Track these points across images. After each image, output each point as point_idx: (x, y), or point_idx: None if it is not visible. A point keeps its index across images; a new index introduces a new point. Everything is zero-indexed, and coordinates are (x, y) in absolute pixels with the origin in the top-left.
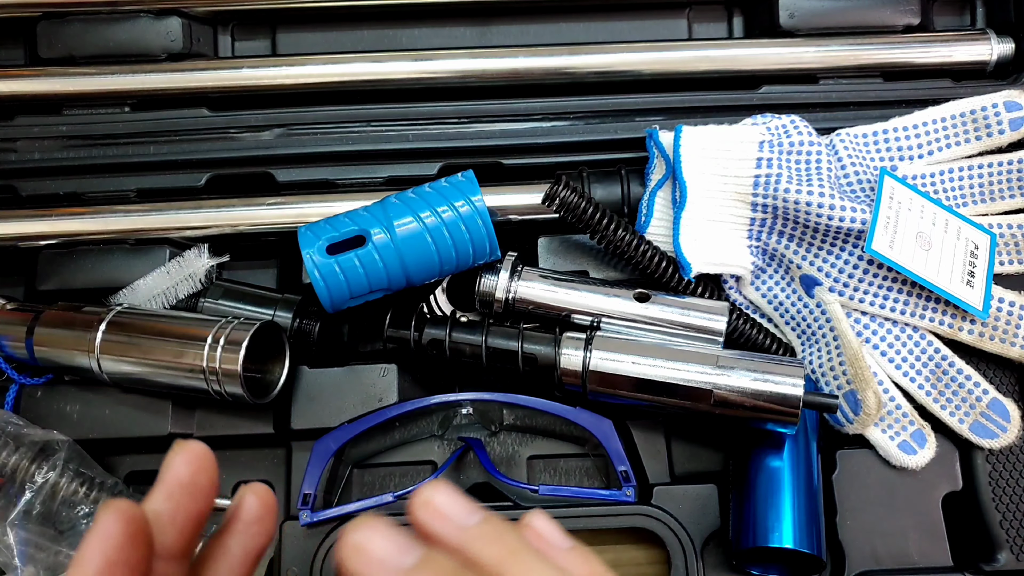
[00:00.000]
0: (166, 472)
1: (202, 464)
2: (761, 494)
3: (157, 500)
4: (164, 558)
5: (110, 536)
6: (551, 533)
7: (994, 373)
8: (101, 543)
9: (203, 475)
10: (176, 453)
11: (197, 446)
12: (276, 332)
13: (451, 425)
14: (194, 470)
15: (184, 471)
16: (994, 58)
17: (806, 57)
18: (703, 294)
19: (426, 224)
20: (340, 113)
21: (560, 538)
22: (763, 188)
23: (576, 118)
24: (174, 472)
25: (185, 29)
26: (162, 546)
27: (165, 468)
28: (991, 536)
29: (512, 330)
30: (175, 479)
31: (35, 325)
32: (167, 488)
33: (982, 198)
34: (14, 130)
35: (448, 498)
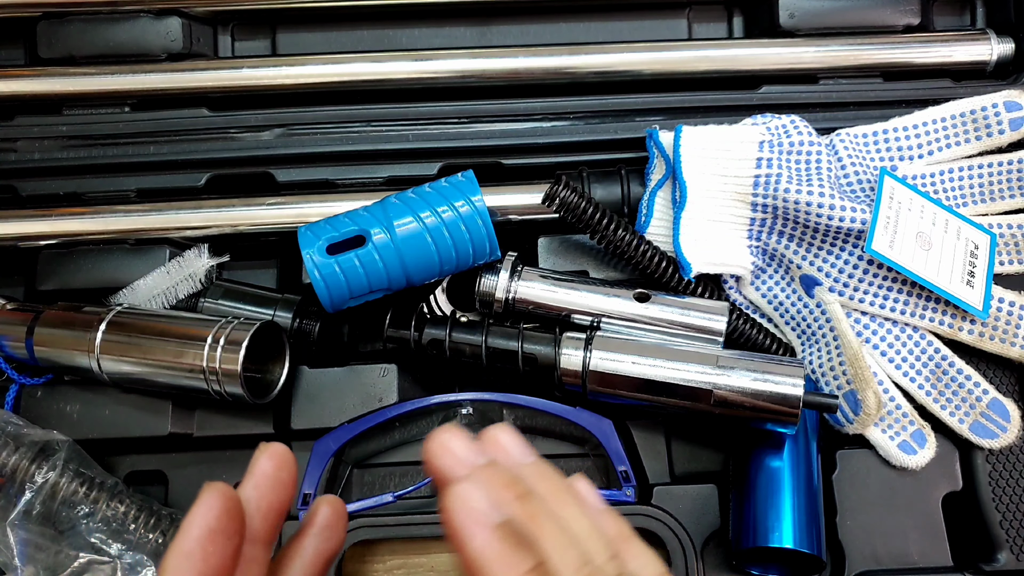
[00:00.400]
0: (254, 467)
1: (283, 461)
2: (761, 494)
3: (246, 489)
4: (250, 541)
5: (212, 507)
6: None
7: (994, 373)
8: (204, 513)
9: (284, 471)
10: (262, 452)
11: (280, 447)
12: (276, 332)
13: None
14: (276, 465)
15: (269, 466)
16: (994, 58)
17: (806, 57)
18: (703, 294)
19: (426, 224)
20: (340, 113)
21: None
22: (763, 188)
23: (576, 118)
24: (260, 467)
25: (185, 29)
26: (249, 529)
27: (253, 463)
28: (991, 536)
29: (512, 330)
30: (261, 472)
31: (35, 325)
32: (254, 480)
33: (982, 198)
34: (14, 130)
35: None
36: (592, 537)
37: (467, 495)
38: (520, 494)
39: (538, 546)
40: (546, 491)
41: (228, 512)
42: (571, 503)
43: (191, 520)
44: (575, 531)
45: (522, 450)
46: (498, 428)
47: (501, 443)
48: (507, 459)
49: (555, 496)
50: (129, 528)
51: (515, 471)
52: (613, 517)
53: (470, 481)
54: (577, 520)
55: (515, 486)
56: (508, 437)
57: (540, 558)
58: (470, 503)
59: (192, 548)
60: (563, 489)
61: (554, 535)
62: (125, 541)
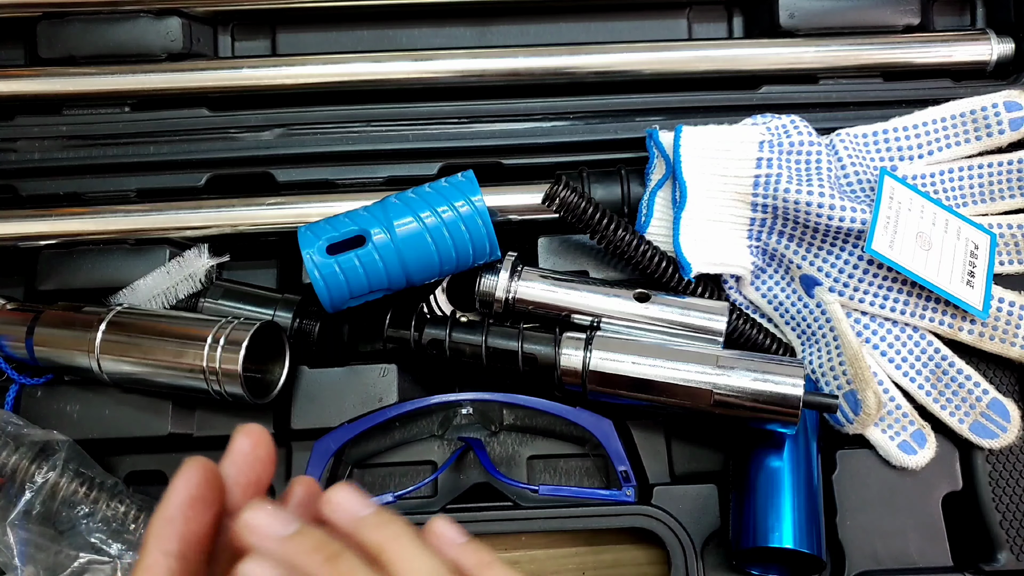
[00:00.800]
0: (231, 445)
1: (259, 439)
2: (761, 494)
3: (224, 466)
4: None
5: (192, 477)
6: (448, 531)
7: (994, 373)
8: (186, 482)
9: (261, 448)
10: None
11: (255, 426)
12: (276, 332)
13: (451, 425)
14: (253, 443)
15: (245, 443)
16: (994, 58)
17: (806, 57)
18: (703, 294)
19: (426, 224)
20: (340, 113)
21: (455, 534)
22: (763, 188)
23: (576, 118)
24: (238, 444)
25: (185, 29)
26: (230, 504)
27: (231, 443)
28: (991, 536)
29: (512, 330)
30: (239, 450)
31: (35, 325)
32: (232, 456)
33: (982, 198)
34: (14, 130)
35: (347, 493)
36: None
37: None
38: (328, 556)
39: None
40: (379, 541)
41: (207, 481)
42: (409, 546)
43: (173, 488)
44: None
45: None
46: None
47: (333, 501)
48: (342, 515)
49: (392, 542)
50: (129, 528)
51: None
52: (471, 548)
53: (255, 558)
54: (418, 563)
55: (323, 549)
56: (341, 496)
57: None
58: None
59: (174, 514)
60: (401, 535)
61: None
62: (125, 541)
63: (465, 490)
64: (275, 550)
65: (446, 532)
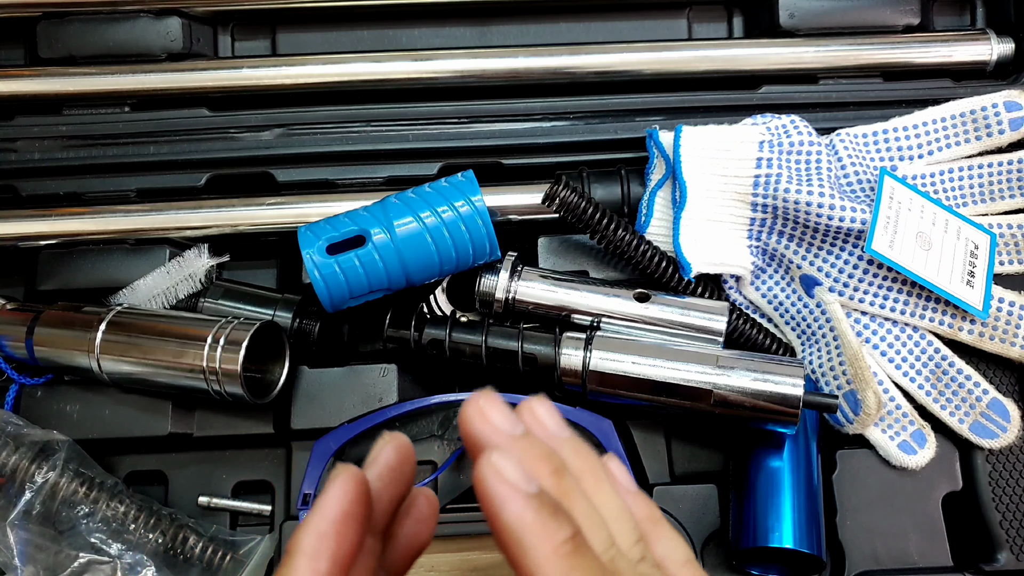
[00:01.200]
0: (378, 456)
1: (406, 454)
2: (761, 494)
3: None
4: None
5: (348, 491)
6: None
7: (994, 373)
8: (341, 496)
9: (407, 464)
10: (387, 443)
11: (403, 438)
12: (276, 332)
13: (451, 425)
14: (401, 458)
15: (393, 457)
16: (994, 58)
17: (806, 57)
18: (703, 294)
19: (426, 224)
20: (340, 113)
21: (630, 482)
22: (763, 188)
23: (576, 118)
24: (385, 457)
25: (185, 29)
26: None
27: (376, 453)
28: (991, 536)
29: (512, 330)
30: (386, 463)
31: (35, 325)
32: (379, 470)
33: (982, 198)
34: (14, 130)
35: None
36: (621, 518)
37: (501, 464)
38: (555, 468)
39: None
40: (579, 468)
41: (361, 497)
42: (603, 482)
43: (327, 502)
44: (605, 511)
45: (558, 424)
46: (535, 400)
47: (538, 415)
48: (543, 432)
49: (588, 474)
50: (129, 528)
51: (550, 445)
52: (643, 499)
53: (504, 450)
54: (608, 500)
55: (550, 460)
56: (545, 410)
57: (575, 528)
58: (504, 471)
59: (327, 529)
60: (596, 468)
61: (585, 512)
62: (125, 541)
63: (465, 490)
64: (508, 446)
65: (623, 478)
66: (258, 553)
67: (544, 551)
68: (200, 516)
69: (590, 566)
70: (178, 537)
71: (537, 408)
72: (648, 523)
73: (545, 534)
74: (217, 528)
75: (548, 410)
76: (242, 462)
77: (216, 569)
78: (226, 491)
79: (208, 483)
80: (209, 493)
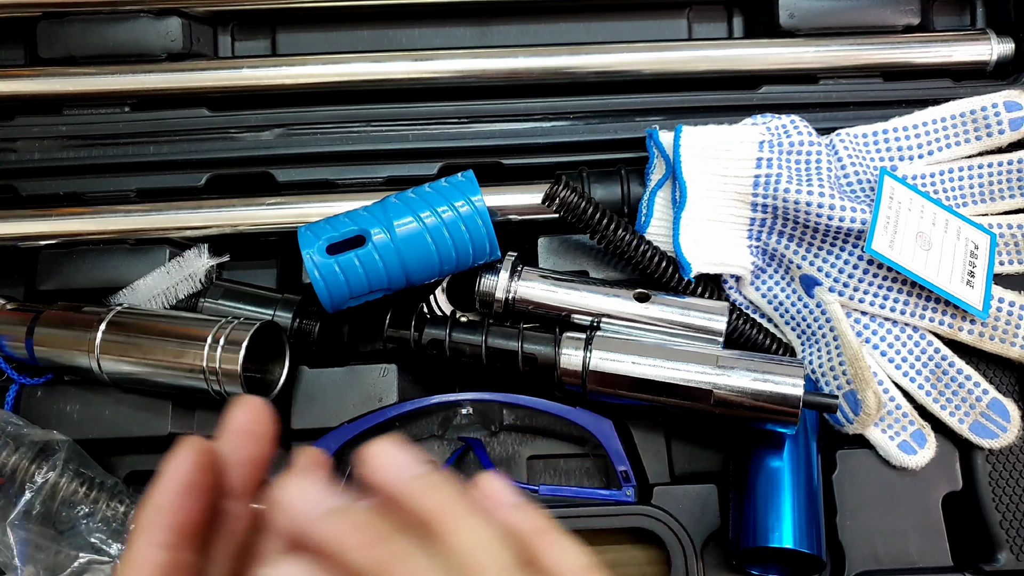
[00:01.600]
0: (227, 421)
1: (257, 413)
2: (761, 494)
3: (221, 444)
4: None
5: (186, 460)
6: (499, 491)
7: (994, 373)
8: (178, 467)
9: (260, 424)
10: (234, 406)
11: (254, 398)
12: (276, 332)
13: (451, 425)
14: (250, 418)
15: (242, 418)
16: (994, 58)
17: (806, 57)
18: (703, 294)
19: (426, 224)
20: (340, 113)
21: (508, 496)
22: (763, 188)
23: (576, 118)
24: (233, 420)
25: (185, 29)
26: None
27: (226, 419)
28: (991, 536)
29: (512, 330)
30: (234, 426)
31: (35, 325)
32: (228, 434)
33: (982, 198)
34: (14, 130)
35: (394, 450)
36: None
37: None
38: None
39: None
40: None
41: (203, 465)
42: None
43: (165, 473)
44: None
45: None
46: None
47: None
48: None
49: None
50: (129, 528)
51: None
52: (526, 512)
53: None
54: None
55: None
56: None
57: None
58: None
59: (163, 502)
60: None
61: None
62: (125, 541)
63: None
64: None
65: (498, 494)
66: None
67: None
68: None
69: None
70: None
71: (380, 452)
72: (535, 536)
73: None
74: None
75: (392, 449)
76: None
77: None
78: None
79: None
80: None
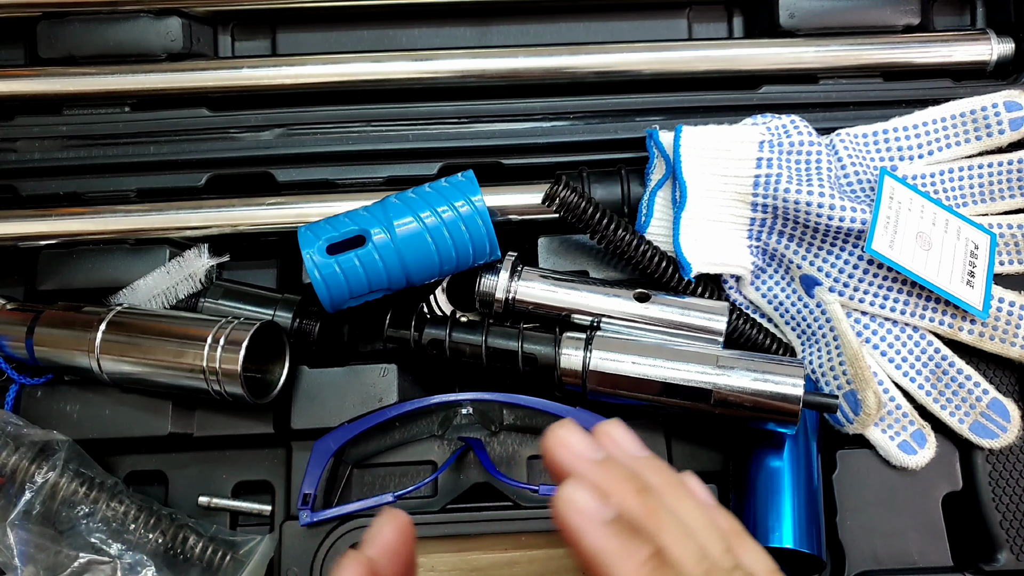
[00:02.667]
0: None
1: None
2: (761, 494)
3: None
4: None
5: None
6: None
7: (994, 373)
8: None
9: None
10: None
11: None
12: (276, 332)
13: (451, 425)
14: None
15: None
16: (994, 58)
17: (806, 57)
18: (703, 294)
19: (426, 224)
20: (340, 113)
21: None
22: (763, 188)
23: (576, 118)
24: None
25: (185, 29)
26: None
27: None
28: (991, 536)
29: (512, 330)
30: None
31: (35, 325)
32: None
33: (982, 198)
34: (14, 130)
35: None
36: (708, 530)
37: (575, 496)
38: (638, 489)
39: (656, 538)
40: (661, 485)
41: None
42: (685, 497)
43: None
44: (691, 524)
45: (634, 444)
46: (610, 424)
47: (615, 438)
48: (621, 454)
49: (670, 490)
50: (129, 528)
51: (631, 466)
52: (724, 513)
53: (578, 481)
54: (692, 514)
55: (633, 481)
56: (621, 432)
57: (658, 546)
58: (579, 503)
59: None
60: (677, 484)
61: (673, 528)
62: (125, 541)
63: (465, 490)
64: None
65: (700, 492)
66: (258, 553)
67: (627, 571)
68: (200, 516)
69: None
70: (178, 537)
71: (613, 431)
72: (732, 535)
73: (626, 555)
74: (217, 528)
75: (624, 432)
76: (242, 462)
77: (216, 569)
78: (226, 491)
79: (208, 483)
80: (209, 493)
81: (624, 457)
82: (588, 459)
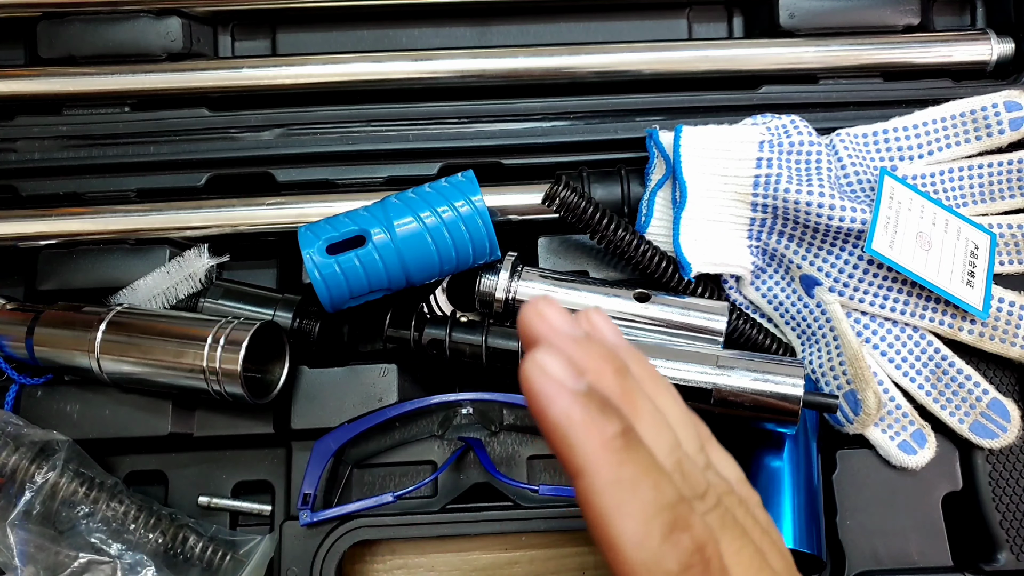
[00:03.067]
0: None
1: None
2: (761, 494)
3: None
4: None
5: None
6: None
7: (994, 373)
8: None
9: None
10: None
11: None
12: (276, 332)
13: (451, 425)
14: None
15: None
16: (994, 58)
17: (806, 57)
18: (703, 294)
19: (426, 224)
20: (340, 113)
21: None
22: (763, 188)
23: (576, 118)
24: None
25: (185, 29)
26: None
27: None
28: (991, 536)
29: (512, 330)
30: None
31: (35, 325)
32: None
33: (982, 198)
34: (14, 130)
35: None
36: (685, 424)
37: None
38: (617, 369)
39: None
40: (641, 373)
41: None
42: (665, 389)
43: None
44: (668, 415)
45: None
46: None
47: (596, 323)
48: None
49: (650, 380)
50: (129, 528)
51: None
52: (700, 420)
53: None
54: (671, 405)
55: (612, 361)
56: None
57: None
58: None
59: None
60: (658, 377)
61: (648, 414)
62: (125, 541)
63: (465, 490)
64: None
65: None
66: (258, 553)
67: (592, 446)
68: (200, 516)
69: (642, 461)
70: (178, 537)
71: (595, 317)
72: (706, 439)
73: (593, 429)
74: (217, 528)
75: (606, 319)
76: (242, 462)
77: (216, 569)
78: (226, 491)
79: (208, 483)
80: (209, 493)
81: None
82: (567, 334)
